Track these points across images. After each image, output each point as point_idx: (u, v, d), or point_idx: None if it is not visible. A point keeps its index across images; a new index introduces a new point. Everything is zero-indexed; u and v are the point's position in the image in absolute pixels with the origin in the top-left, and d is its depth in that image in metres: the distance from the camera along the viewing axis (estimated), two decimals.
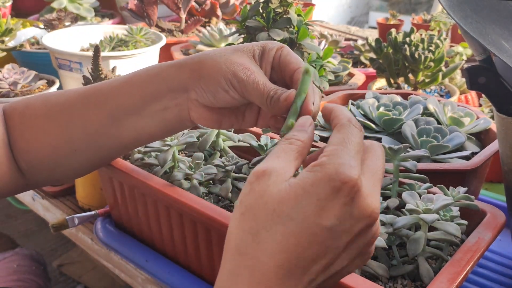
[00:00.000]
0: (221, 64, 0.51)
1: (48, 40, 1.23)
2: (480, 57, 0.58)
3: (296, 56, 0.51)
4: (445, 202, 0.53)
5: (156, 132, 0.56)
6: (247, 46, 0.52)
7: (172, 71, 0.53)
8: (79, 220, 0.75)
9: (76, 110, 0.56)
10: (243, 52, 0.51)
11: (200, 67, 0.52)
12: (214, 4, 1.66)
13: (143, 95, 0.54)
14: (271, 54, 0.52)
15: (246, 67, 0.50)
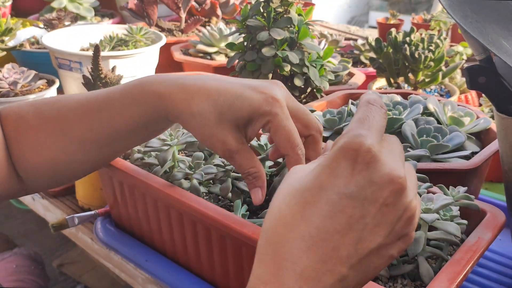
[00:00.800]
0: (202, 133, 0.50)
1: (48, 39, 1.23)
2: (480, 57, 0.58)
3: (286, 136, 0.49)
4: (445, 201, 0.53)
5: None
6: (232, 115, 0.49)
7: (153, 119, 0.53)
8: (79, 220, 0.75)
9: (69, 123, 0.55)
10: (227, 125, 0.49)
11: (178, 122, 0.52)
12: (214, 3, 1.66)
13: (132, 122, 0.53)
14: (258, 126, 0.50)
15: (227, 148, 0.50)
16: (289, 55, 0.84)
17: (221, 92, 0.49)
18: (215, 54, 1.33)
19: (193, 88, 0.49)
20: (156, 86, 0.51)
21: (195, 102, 0.49)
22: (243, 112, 0.49)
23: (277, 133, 0.49)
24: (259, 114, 0.49)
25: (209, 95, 0.49)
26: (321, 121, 0.83)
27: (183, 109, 0.49)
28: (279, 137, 0.49)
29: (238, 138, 0.50)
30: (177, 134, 0.65)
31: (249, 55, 0.87)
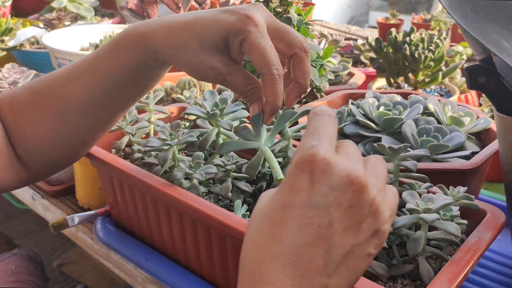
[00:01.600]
0: (191, 64, 0.50)
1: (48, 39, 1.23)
2: (480, 57, 0.58)
3: (260, 54, 0.48)
4: (445, 201, 0.53)
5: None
6: (211, 40, 0.49)
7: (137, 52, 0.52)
8: (79, 220, 0.75)
9: (62, 90, 0.55)
10: (210, 50, 0.49)
11: (167, 60, 0.52)
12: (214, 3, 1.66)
13: (123, 69, 0.53)
14: (236, 46, 0.49)
15: (217, 72, 0.50)
16: None
17: (198, 20, 0.49)
18: None
19: (173, 23, 0.50)
20: (139, 28, 0.51)
21: (176, 35, 0.49)
22: (221, 35, 0.49)
23: (251, 51, 0.48)
24: (234, 34, 0.48)
25: (188, 26, 0.49)
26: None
27: (167, 44, 0.50)
28: (253, 56, 0.48)
29: (224, 61, 0.50)
30: (177, 134, 0.65)
31: None
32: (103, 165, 0.68)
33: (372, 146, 0.76)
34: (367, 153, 0.76)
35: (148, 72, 0.55)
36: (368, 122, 0.79)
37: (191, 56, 0.50)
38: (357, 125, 0.81)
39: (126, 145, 0.75)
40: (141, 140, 0.75)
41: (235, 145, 0.57)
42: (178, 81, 1.09)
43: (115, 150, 0.74)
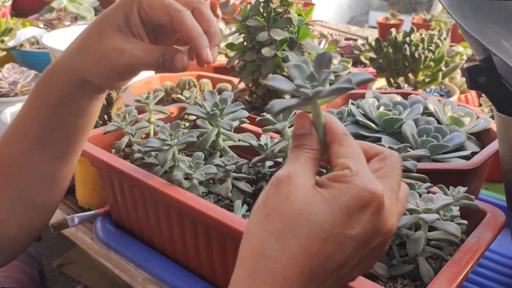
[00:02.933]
0: (96, 63, 0.51)
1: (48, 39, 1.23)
2: (480, 57, 0.58)
3: (159, 5, 0.50)
4: (445, 201, 0.53)
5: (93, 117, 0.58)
6: (111, 21, 0.50)
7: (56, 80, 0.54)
8: (79, 220, 0.75)
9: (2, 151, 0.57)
10: (110, 31, 0.50)
11: (82, 72, 0.53)
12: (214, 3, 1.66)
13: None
14: (135, 15, 0.51)
15: (119, 51, 0.50)
16: (289, 56, 0.84)
17: (102, 14, 0.52)
18: None
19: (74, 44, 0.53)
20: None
21: (84, 37, 0.52)
22: (116, 14, 0.51)
23: (151, 7, 0.50)
24: (128, 6, 0.50)
25: (88, 30, 0.52)
26: None
27: (77, 50, 0.52)
28: (155, 9, 0.50)
29: (124, 38, 0.51)
30: (177, 134, 0.65)
31: (248, 56, 0.87)
32: (103, 166, 0.68)
33: None
34: None
35: (72, 103, 0.55)
36: (368, 122, 0.79)
37: (94, 48, 0.51)
38: (357, 125, 0.81)
39: (126, 145, 0.75)
40: (141, 140, 0.75)
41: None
42: (178, 81, 1.09)
43: (115, 151, 0.74)
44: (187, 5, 0.52)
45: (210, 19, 0.53)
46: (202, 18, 0.52)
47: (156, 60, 0.51)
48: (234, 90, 1.03)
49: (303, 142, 0.39)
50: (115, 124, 0.73)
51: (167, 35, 0.56)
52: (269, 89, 0.90)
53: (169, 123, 0.67)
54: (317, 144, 0.39)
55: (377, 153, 0.41)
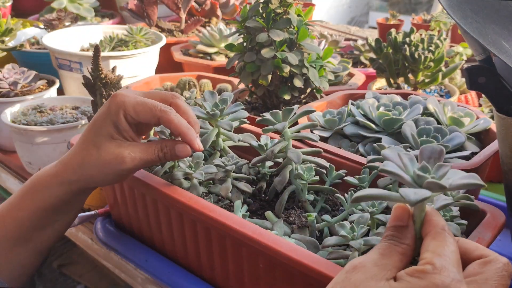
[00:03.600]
0: (101, 174, 0.55)
1: (48, 40, 1.23)
2: (480, 57, 0.59)
3: (143, 108, 0.54)
4: (445, 202, 0.53)
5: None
6: (104, 133, 0.55)
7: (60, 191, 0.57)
8: (79, 220, 0.75)
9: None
10: (105, 142, 0.54)
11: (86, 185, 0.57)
12: (214, 4, 1.66)
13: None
14: (123, 121, 0.55)
15: (120, 158, 0.54)
16: (288, 56, 0.84)
17: (91, 123, 0.57)
18: (215, 54, 1.34)
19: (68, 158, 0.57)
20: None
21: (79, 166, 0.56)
22: (106, 125, 0.55)
23: (136, 111, 0.54)
24: (114, 114, 0.54)
25: (82, 141, 0.57)
26: (321, 121, 0.83)
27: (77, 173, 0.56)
28: (140, 112, 0.54)
29: (118, 144, 0.55)
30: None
31: (248, 56, 0.87)
32: None
33: (372, 146, 0.76)
34: (367, 153, 0.76)
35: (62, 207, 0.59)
36: (368, 123, 0.79)
37: (94, 163, 0.55)
38: (357, 125, 0.81)
39: None
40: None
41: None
42: (178, 81, 1.09)
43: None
44: (164, 101, 0.57)
45: (187, 111, 0.58)
46: (180, 112, 0.57)
47: (156, 155, 0.56)
48: (234, 90, 1.03)
49: (395, 235, 0.38)
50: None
51: (147, 125, 0.60)
52: (268, 90, 0.90)
53: None
54: (410, 238, 0.38)
55: (481, 256, 0.40)
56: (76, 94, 1.19)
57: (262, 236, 0.51)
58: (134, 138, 0.57)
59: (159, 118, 0.54)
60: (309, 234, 0.59)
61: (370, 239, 0.51)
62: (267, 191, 0.66)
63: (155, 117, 0.54)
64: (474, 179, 0.36)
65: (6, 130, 1.06)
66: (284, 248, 0.50)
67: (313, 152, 0.66)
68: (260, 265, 0.54)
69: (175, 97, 0.58)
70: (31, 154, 0.97)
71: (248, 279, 0.57)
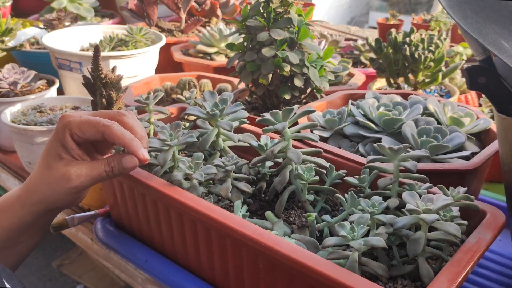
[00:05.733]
0: (53, 192, 0.56)
1: (48, 40, 1.23)
2: (480, 57, 0.58)
3: (86, 125, 0.56)
4: (445, 202, 0.53)
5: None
6: (53, 153, 0.57)
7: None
8: (79, 220, 0.75)
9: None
10: (54, 162, 0.56)
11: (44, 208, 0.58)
12: (214, 4, 1.66)
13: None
14: (69, 140, 0.56)
15: (67, 176, 0.56)
16: (289, 56, 0.84)
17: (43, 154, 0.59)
18: (215, 54, 1.34)
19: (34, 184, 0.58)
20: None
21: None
22: (55, 147, 0.57)
23: (81, 130, 0.56)
24: (61, 135, 0.56)
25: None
26: (321, 121, 0.83)
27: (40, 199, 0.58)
28: (85, 130, 0.56)
29: (66, 163, 0.57)
30: (177, 135, 0.65)
31: (249, 56, 0.87)
32: None
33: (372, 146, 0.76)
34: (367, 153, 0.76)
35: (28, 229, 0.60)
36: (368, 123, 0.79)
37: (49, 181, 0.56)
38: (357, 125, 0.81)
39: None
40: None
41: None
42: (178, 81, 1.09)
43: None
44: (111, 118, 0.58)
45: (133, 126, 0.59)
46: (127, 128, 0.58)
47: (103, 171, 0.58)
48: (234, 90, 1.03)
49: None
50: None
51: (106, 144, 0.62)
52: (268, 89, 0.90)
53: (169, 124, 0.67)
54: None
55: None
56: (76, 94, 1.19)
57: (262, 236, 0.51)
58: (82, 156, 0.58)
59: (102, 133, 0.56)
60: (309, 234, 0.59)
61: (370, 239, 0.51)
62: (267, 191, 0.66)
63: (99, 132, 0.56)
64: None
65: (6, 130, 1.06)
66: (284, 248, 0.50)
67: (313, 152, 0.66)
68: (260, 265, 0.54)
69: (122, 115, 0.59)
70: (31, 154, 0.97)
71: (248, 279, 0.57)
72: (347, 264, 0.50)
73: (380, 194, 0.60)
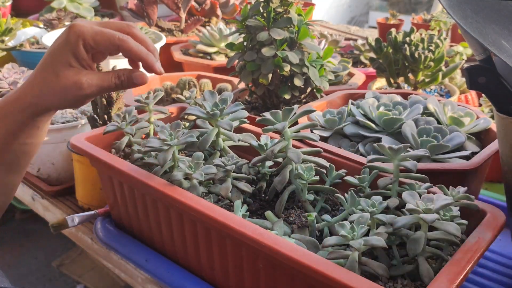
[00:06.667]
0: (60, 99, 0.57)
1: (48, 39, 1.23)
2: (480, 57, 0.58)
3: (101, 36, 0.55)
4: (445, 202, 0.53)
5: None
6: (62, 61, 0.56)
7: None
8: (78, 220, 0.75)
9: None
10: (63, 70, 0.56)
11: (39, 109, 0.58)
12: (214, 3, 1.66)
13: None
14: (81, 50, 0.56)
15: (79, 84, 0.56)
16: (289, 55, 0.84)
17: (47, 54, 0.59)
18: (215, 54, 1.33)
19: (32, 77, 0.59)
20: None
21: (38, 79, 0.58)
22: (64, 54, 0.57)
23: (95, 41, 0.56)
24: (73, 44, 0.56)
25: (40, 67, 0.59)
26: (321, 121, 0.83)
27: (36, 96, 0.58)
28: (99, 42, 0.56)
29: (76, 72, 0.57)
30: (177, 134, 0.65)
31: (248, 55, 0.87)
32: (103, 166, 0.68)
33: (372, 146, 0.76)
34: (367, 153, 0.76)
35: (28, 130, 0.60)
36: (368, 122, 0.79)
37: (52, 87, 0.57)
38: (357, 125, 0.81)
39: (126, 145, 0.75)
40: (141, 140, 0.75)
41: None
42: (178, 81, 1.09)
43: (115, 151, 0.74)
44: (121, 31, 0.58)
45: (144, 40, 0.60)
46: (138, 41, 0.59)
47: (113, 83, 0.58)
48: (234, 90, 1.03)
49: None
50: (115, 124, 0.73)
51: (103, 54, 0.62)
52: (268, 89, 0.90)
53: (169, 123, 0.67)
54: None
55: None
56: None
57: (262, 236, 0.51)
58: (91, 66, 0.59)
59: (118, 46, 0.56)
60: (309, 234, 0.59)
61: (370, 239, 0.51)
62: (267, 191, 0.66)
63: (114, 46, 0.56)
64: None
65: None
66: (284, 248, 0.50)
67: (313, 152, 0.66)
68: (260, 265, 0.54)
69: (131, 27, 0.60)
70: None
71: (248, 279, 0.57)
72: (347, 263, 0.50)
73: (380, 194, 0.60)
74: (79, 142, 0.70)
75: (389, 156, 0.60)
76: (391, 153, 0.59)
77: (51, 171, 0.97)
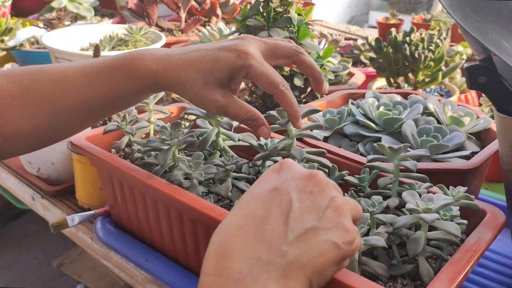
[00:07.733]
0: (195, 97, 0.56)
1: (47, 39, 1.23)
2: (480, 57, 0.58)
3: (265, 79, 0.55)
4: (445, 201, 0.53)
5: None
6: (218, 75, 0.55)
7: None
8: (79, 220, 0.75)
9: (56, 95, 0.57)
10: (212, 86, 0.56)
11: (174, 92, 0.58)
12: (214, 3, 1.66)
13: (126, 95, 0.58)
14: (239, 79, 0.57)
15: (219, 105, 0.56)
16: None
17: (201, 60, 0.56)
18: None
19: (179, 61, 0.56)
20: (148, 63, 0.56)
21: (183, 73, 0.56)
22: (223, 72, 0.56)
23: (258, 80, 0.56)
24: (236, 70, 0.56)
25: (192, 65, 0.56)
26: (321, 121, 0.83)
27: (175, 81, 0.56)
28: (261, 83, 0.56)
29: (224, 94, 0.57)
30: (177, 134, 0.65)
31: None
32: (103, 165, 0.68)
33: (372, 146, 0.76)
34: (367, 153, 0.76)
35: (146, 96, 0.61)
36: (368, 122, 0.79)
37: (195, 92, 0.56)
38: (357, 125, 0.81)
39: (126, 145, 0.75)
40: (141, 140, 0.75)
41: None
42: None
43: (115, 150, 0.74)
44: (288, 57, 0.60)
45: (312, 66, 0.61)
46: (305, 67, 0.61)
47: (243, 119, 0.58)
48: None
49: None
50: (115, 124, 0.73)
51: (239, 85, 0.61)
52: None
53: (169, 123, 0.68)
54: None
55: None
56: None
57: None
58: (234, 92, 0.59)
59: (275, 95, 0.57)
60: None
61: (370, 239, 0.51)
62: None
63: (272, 91, 0.57)
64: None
65: None
66: None
67: (317, 152, 0.66)
68: None
69: (299, 53, 0.60)
70: (31, 154, 0.97)
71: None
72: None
73: (380, 194, 0.60)
74: (79, 141, 0.70)
75: (389, 155, 0.60)
76: (391, 153, 0.59)
77: (51, 171, 0.97)
